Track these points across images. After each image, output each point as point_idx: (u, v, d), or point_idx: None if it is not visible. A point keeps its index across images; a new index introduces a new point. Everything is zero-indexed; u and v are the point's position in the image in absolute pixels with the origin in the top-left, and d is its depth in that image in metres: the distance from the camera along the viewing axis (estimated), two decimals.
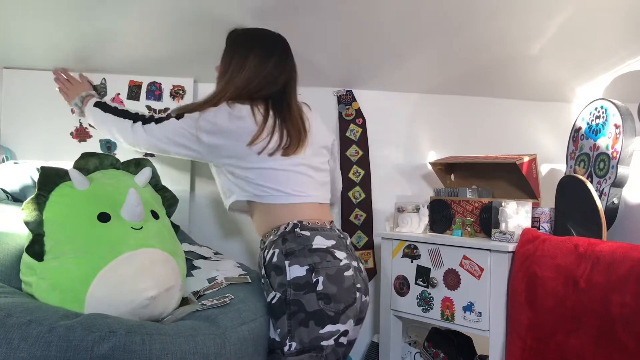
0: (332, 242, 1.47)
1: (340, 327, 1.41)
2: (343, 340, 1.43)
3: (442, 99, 2.36)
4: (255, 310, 1.37)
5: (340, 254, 1.45)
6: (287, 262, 1.41)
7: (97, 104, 1.71)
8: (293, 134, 1.55)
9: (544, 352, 1.53)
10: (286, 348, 1.38)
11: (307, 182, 1.56)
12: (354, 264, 1.48)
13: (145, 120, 1.59)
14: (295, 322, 1.38)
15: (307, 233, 1.46)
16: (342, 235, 1.54)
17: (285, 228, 1.47)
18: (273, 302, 1.41)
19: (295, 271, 1.40)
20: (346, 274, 1.43)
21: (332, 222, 1.59)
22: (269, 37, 1.67)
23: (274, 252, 1.45)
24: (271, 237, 1.50)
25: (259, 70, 1.58)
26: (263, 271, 1.49)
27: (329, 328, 1.39)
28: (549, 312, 1.52)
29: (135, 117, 1.61)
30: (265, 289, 1.47)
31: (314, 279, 1.39)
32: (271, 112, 1.55)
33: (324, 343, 1.39)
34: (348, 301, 1.42)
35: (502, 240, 1.69)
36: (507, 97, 2.40)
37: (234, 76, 1.59)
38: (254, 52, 1.60)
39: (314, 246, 1.43)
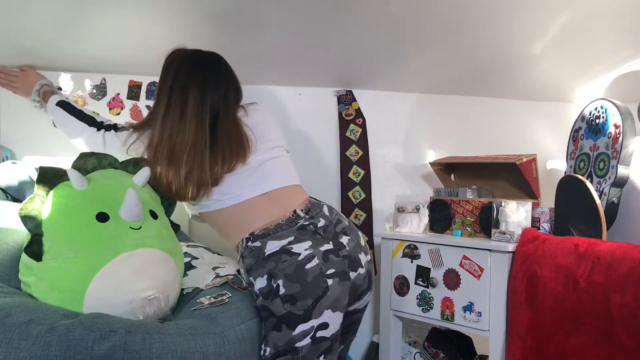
0: (287, 240, 1.42)
1: (315, 322, 1.37)
2: (322, 333, 1.39)
3: (442, 99, 2.36)
4: (253, 309, 1.38)
5: (298, 247, 1.40)
6: (251, 278, 1.42)
7: (60, 104, 1.71)
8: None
9: (544, 352, 1.52)
10: (262, 352, 1.38)
11: (246, 178, 1.51)
12: (323, 247, 1.42)
13: (109, 127, 1.60)
14: (269, 327, 1.38)
15: (259, 243, 1.44)
16: (306, 222, 1.46)
17: (242, 244, 1.47)
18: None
19: (259, 283, 1.40)
20: (308, 266, 1.38)
21: (294, 211, 1.48)
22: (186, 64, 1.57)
23: (240, 271, 1.51)
24: (237, 257, 1.52)
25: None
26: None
27: (301, 328, 1.36)
28: (549, 312, 1.52)
29: (98, 125, 1.62)
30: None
31: (274, 284, 1.37)
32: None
33: (298, 345, 1.36)
34: (317, 294, 1.37)
35: (502, 240, 1.69)
36: (507, 97, 2.40)
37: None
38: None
39: (267, 253, 1.42)
